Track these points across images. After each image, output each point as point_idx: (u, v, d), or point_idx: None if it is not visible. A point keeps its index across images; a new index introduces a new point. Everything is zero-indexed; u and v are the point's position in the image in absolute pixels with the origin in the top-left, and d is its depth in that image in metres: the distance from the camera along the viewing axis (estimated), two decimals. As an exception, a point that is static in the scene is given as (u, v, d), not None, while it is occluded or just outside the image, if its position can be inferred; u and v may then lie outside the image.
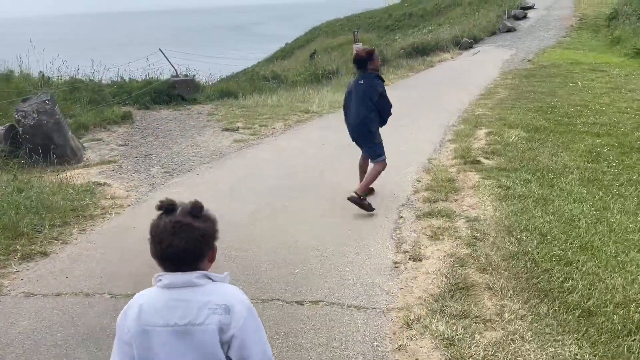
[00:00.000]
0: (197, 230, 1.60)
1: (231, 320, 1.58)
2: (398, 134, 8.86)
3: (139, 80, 14.10)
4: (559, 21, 27.14)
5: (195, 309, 1.58)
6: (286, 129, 10.01)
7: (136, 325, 1.60)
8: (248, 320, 1.61)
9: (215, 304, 1.58)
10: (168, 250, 1.58)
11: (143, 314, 1.60)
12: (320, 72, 18.37)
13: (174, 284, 1.60)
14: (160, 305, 1.60)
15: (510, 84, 14.50)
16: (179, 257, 1.59)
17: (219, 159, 8.00)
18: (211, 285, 1.63)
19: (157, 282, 1.65)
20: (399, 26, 42.46)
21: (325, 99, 12.97)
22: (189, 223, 1.59)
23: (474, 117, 10.15)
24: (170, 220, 1.59)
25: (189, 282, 1.60)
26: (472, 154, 7.43)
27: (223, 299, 1.60)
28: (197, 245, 1.60)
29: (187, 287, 1.60)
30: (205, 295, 1.60)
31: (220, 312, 1.58)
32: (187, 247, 1.58)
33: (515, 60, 19.85)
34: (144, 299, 1.64)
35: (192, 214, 1.62)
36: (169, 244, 1.57)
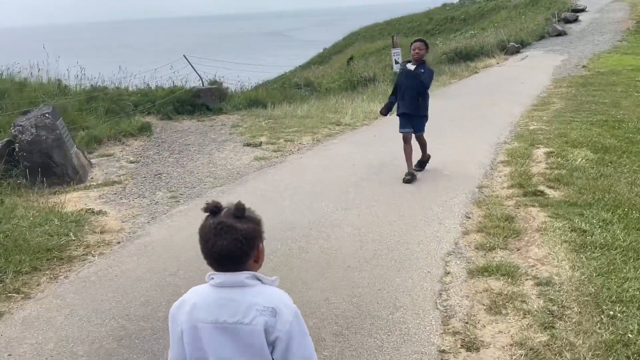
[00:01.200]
0: (239, 231, 1.59)
1: (276, 323, 1.58)
2: (441, 154, 7.61)
3: (165, 88, 13.29)
4: (613, 24, 25.12)
5: (243, 309, 1.59)
6: (314, 145, 8.89)
7: (188, 321, 1.61)
8: (294, 325, 1.60)
9: (263, 306, 1.59)
10: (213, 250, 1.60)
11: (195, 311, 1.61)
12: (355, 79, 17.20)
13: (225, 283, 1.62)
14: (211, 302, 1.61)
15: (566, 93, 12.98)
16: (222, 257, 1.60)
17: (234, 182, 6.95)
18: (260, 287, 1.64)
19: (209, 280, 1.66)
20: (440, 30, 40.84)
21: (359, 109, 11.80)
22: (230, 224, 1.59)
23: (528, 133, 8.78)
24: (214, 221, 1.60)
25: (239, 282, 1.61)
26: (532, 181, 6.12)
27: (270, 301, 1.60)
28: (239, 246, 1.59)
29: (237, 287, 1.61)
30: (254, 296, 1.60)
31: (267, 314, 1.58)
32: (230, 248, 1.58)
33: (567, 66, 18.20)
34: (197, 296, 1.65)
35: (235, 215, 1.61)
36: (213, 244, 1.59)
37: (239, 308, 1.59)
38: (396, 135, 8.91)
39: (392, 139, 9.10)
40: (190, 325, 1.62)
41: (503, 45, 22.53)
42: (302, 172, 7.24)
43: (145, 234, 5.21)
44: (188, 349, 1.63)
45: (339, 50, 42.57)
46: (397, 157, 7.69)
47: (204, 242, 1.62)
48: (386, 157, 7.74)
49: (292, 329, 1.60)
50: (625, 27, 24.05)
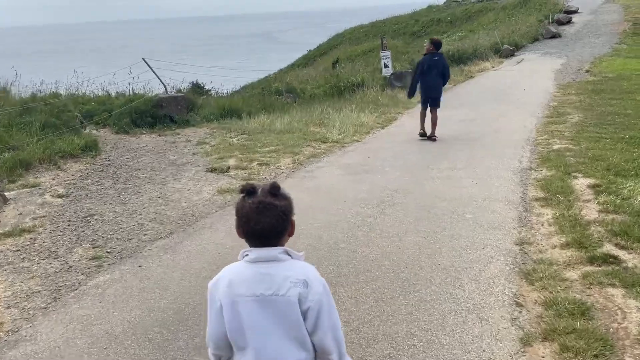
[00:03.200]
0: (279, 208, 1.64)
1: (308, 293, 1.62)
2: (454, 184, 5.82)
3: (127, 95, 11.33)
4: (608, 26, 23.63)
5: (278, 281, 1.63)
6: (294, 170, 7.04)
7: (226, 296, 1.65)
8: (323, 296, 1.65)
9: (296, 278, 1.64)
10: (256, 228, 1.62)
11: (232, 286, 1.65)
12: (342, 84, 15.38)
13: (260, 258, 1.65)
14: (248, 277, 1.65)
15: (579, 102, 11.28)
16: (265, 233, 1.63)
17: (185, 230, 5.07)
18: (291, 261, 1.68)
19: (243, 257, 1.69)
20: (427, 32, 39.11)
21: (348, 121, 9.97)
22: (271, 202, 1.63)
23: (555, 155, 7.03)
24: (254, 201, 1.63)
25: (273, 257, 1.66)
26: (591, 235, 4.33)
27: (302, 274, 1.66)
28: (280, 222, 1.64)
29: (271, 262, 1.65)
30: (287, 270, 1.65)
31: (300, 286, 1.63)
32: (273, 224, 1.62)
33: (568, 70, 16.56)
34: (232, 272, 1.69)
35: (272, 193, 1.65)
36: (257, 221, 1.61)
37: (274, 281, 1.63)
38: (394, 158, 7.09)
39: (390, 161, 7.32)
40: (229, 300, 1.64)
41: (497, 47, 20.87)
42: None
43: (29, 338, 3.32)
44: (228, 322, 1.65)
45: (323, 52, 40.75)
46: (400, 190, 5.87)
47: (246, 221, 1.64)
48: (386, 191, 5.92)
49: (321, 299, 1.64)
50: (622, 29, 22.56)
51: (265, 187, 1.67)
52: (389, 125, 10.14)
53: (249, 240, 1.68)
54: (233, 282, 1.66)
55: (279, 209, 1.64)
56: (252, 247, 1.68)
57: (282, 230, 1.67)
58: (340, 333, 1.70)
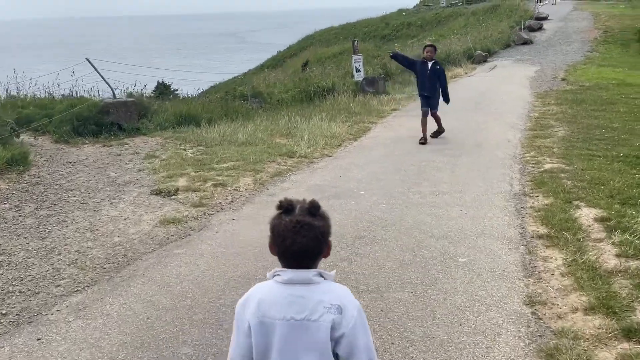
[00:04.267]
0: (317, 228, 1.57)
1: (342, 319, 1.55)
2: (438, 217, 4.90)
3: (73, 98, 10.06)
4: (579, 34, 23.37)
5: (311, 306, 1.55)
6: (255, 192, 6.00)
7: (255, 317, 1.57)
8: (358, 322, 1.57)
9: (330, 303, 1.56)
10: (292, 248, 1.55)
11: (262, 307, 1.57)
12: (312, 89, 14.39)
13: (293, 280, 1.57)
14: (279, 299, 1.57)
15: (561, 113, 10.61)
16: (301, 254, 1.57)
17: (112, 277, 3.98)
18: (325, 284, 1.60)
19: (273, 277, 1.62)
20: (397, 36, 38.62)
21: (318, 131, 8.98)
22: (309, 222, 1.56)
23: (549, 178, 6.20)
24: (291, 219, 1.56)
25: (306, 280, 1.58)
26: (619, 295, 3.45)
27: (337, 299, 1.57)
28: (317, 243, 1.57)
29: (304, 284, 1.58)
30: (320, 294, 1.57)
31: (334, 312, 1.55)
32: (309, 245, 1.55)
33: (543, 78, 16.03)
34: (262, 292, 1.61)
35: (311, 213, 1.58)
36: (293, 242, 1.55)
37: (306, 305, 1.55)
38: (369, 178, 6.15)
39: (365, 182, 6.35)
40: (257, 321, 1.57)
41: (470, 53, 20.26)
42: (231, 255, 4.34)
43: None
44: (256, 344, 1.57)
45: (293, 54, 39.73)
46: (378, 221, 4.92)
47: (282, 240, 1.56)
48: (362, 223, 4.95)
49: (356, 325, 1.57)
50: (593, 37, 22.31)
51: (303, 205, 1.61)
52: (362, 136, 9.21)
53: (284, 261, 1.61)
54: (263, 303, 1.58)
55: (317, 229, 1.57)
56: (286, 267, 1.61)
57: (318, 252, 1.60)
58: (375, 355, 1.61)
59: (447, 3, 42.93)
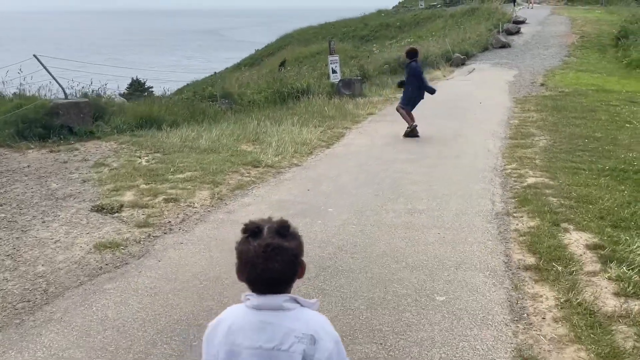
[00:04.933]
0: (289, 251, 1.42)
1: (315, 351, 1.40)
2: (413, 241, 4.30)
3: (21, 97, 9.21)
4: (557, 38, 23.17)
5: (281, 335, 1.40)
6: (212, 209, 5.33)
7: (223, 344, 1.44)
8: (333, 354, 1.41)
9: (302, 333, 1.40)
10: (264, 276, 1.40)
11: (231, 334, 1.44)
12: (286, 90, 13.73)
13: (263, 306, 1.43)
14: (248, 326, 1.43)
15: (541, 120, 10.17)
16: (274, 281, 1.41)
17: (22, 322, 3.28)
18: (299, 311, 1.44)
19: (245, 301, 1.47)
20: (376, 37, 38.15)
21: (288, 137, 8.34)
22: (279, 245, 1.41)
23: (533, 194, 5.68)
24: (260, 243, 1.40)
25: (277, 306, 1.42)
26: (623, 350, 2.91)
27: (310, 328, 1.42)
28: (291, 266, 1.43)
29: (275, 311, 1.42)
30: (292, 322, 1.42)
31: (306, 342, 1.40)
32: (283, 270, 1.41)
33: (522, 82, 15.66)
34: (233, 316, 1.47)
35: (281, 234, 1.42)
36: (264, 269, 1.39)
37: (276, 333, 1.40)
38: (339, 193, 5.56)
39: (335, 198, 5.67)
40: (227, 349, 1.43)
41: (448, 56, 19.84)
42: (168, 294, 3.66)
43: None
44: None
45: (271, 53, 39.01)
46: (346, 246, 4.30)
47: (251, 267, 1.41)
48: (328, 249, 4.33)
49: (330, 358, 1.40)
50: (570, 42, 22.12)
51: (272, 225, 1.44)
52: (335, 143, 8.59)
53: (254, 288, 1.44)
54: (232, 329, 1.44)
55: (290, 252, 1.42)
56: (255, 292, 1.44)
57: (292, 276, 1.44)
58: None
59: (425, 5, 42.60)
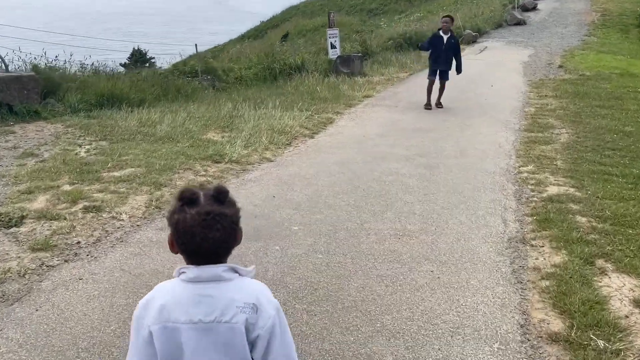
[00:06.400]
0: (229, 218, 1.29)
1: (258, 319, 1.30)
2: (399, 284, 3.06)
3: None
4: (576, 16, 21.43)
5: (221, 306, 1.29)
6: (141, 223, 4.09)
7: (157, 322, 1.30)
8: (275, 321, 1.32)
9: (243, 302, 1.30)
10: (203, 245, 1.27)
11: (165, 310, 1.30)
12: (278, 66, 12.36)
13: (200, 277, 1.30)
14: (184, 300, 1.30)
15: (561, 109, 8.79)
16: (214, 249, 1.29)
17: None
18: (238, 281, 1.33)
19: (179, 275, 1.34)
20: (384, 11, 36.26)
21: (264, 124, 7.06)
22: (220, 212, 1.27)
23: (556, 212, 4.40)
24: (199, 211, 1.26)
25: (216, 276, 1.31)
26: None
27: (251, 296, 1.31)
28: (232, 234, 1.31)
29: (213, 282, 1.31)
30: (232, 292, 1.31)
31: (248, 311, 1.29)
32: (223, 238, 1.28)
33: (538, 63, 14.18)
34: (165, 293, 1.33)
35: (219, 200, 1.29)
36: (204, 237, 1.26)
37: (216, 305, 1.29)
38: (311, 203, 4.34)
39: (304, 210, 4.19)
40: (161, 326, 1.29)
41: (458, 32, 18.24)
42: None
43: None
44: (160, 352, 1.30)
45: (275, 25, 37.29)
46: (304, 290, 3.05)
47: (190, 237, 1.27)
48: (280, 293, 3.09)
49: (273, 326, 1.32)
50: (590, 20, 20.40)
51: (208, 192, 1.31)
52: (321, 131, 7.31)
53: (192, 259, 1.31)
54: (166, 306, 1.30)
55: (229, 219, 1.30)
56: (192, 264, 1.32)
57: (231, 243, 1.33)
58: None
59: (438, -22, 40.40)
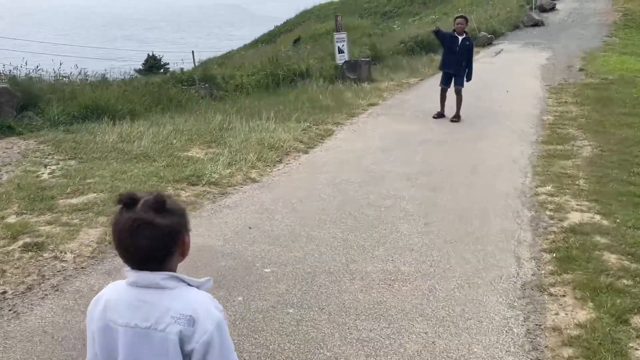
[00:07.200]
0: (161, 228, 1.23)
1: (194, 333, 1.23)
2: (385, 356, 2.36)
3: None
4: (596, 16, 20.38)
5: (157, 314, 1.24)
6: (86, 266, 3.44)
7: (100, 319, 1.30)
8: (214, 338, 1.24)
9: (179, 313, 1.24)
10: (130, 251, 1.25)
11: (108, 310, 1.30)
12: (282, 72, 11.72)
13: (139, 282, 1.27)
14: (125, 303, 1.28)
15: (582, 117, 7.97)
16: (141, 258, 1.25)
17: None
18: (181, 290, 1.27)
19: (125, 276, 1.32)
20: (399, 13, 35.47)
21: (254, 138, 6.41)
22: (150, 220, 1.23)
23: (579, 246, 3.66)
24: (130, 217, 1.23)
25: (153, 284, 1.26)
26: None
27: (189, 308, 1.25)
28: (161, 244, 1.25)
29: (153, 289, 1.26)
30: (170, 301, 1.25)
31: (183, 323, 1.23)
32: (150, 247, 1.23)
33: (557, 66, 13.28)
34: (111, 293, 1.33)
35: (155, 209, 1.24)
36: (130, 244, 1.24)
37: (152, 312, 1.25)
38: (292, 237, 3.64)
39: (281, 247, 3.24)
40: (102, 325, 1.29)
41: (473, 35, 17.39)
42: None
43: None
44: (99, 350, 1.30)
45: (289, 29, 36.81)
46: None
47: (118, 241, 1.26)
48: None
49: (211, 341, 1.24)
50: (612, 20, 19.34)
51: (149, 198, 1.25)
52: (317, 145, 6.63)
53: (125, 262, 1.29)
54: (109, 305, 1.30)
55: (161, 229, 1.23)
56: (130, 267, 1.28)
57: (164, 254, 1.26)
58: None
59: (453, -21, 39.46)
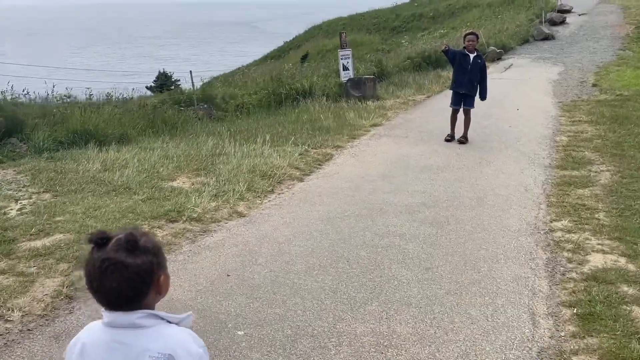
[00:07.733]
0: (132, 268, 1.19)
1: None
2: None
3: None
4: (608, 29, 19.78)
5: (134, 355, 1.21)
6: (33, 328, 2.96)
7: None
8: None
9: (158, 352, 1.21)
10: (101, 292, 1.21)
11: (85, 354, 1.27)
12: (284, 91, 11.32)
13: (115, 323, 1.23)
14: (102, 345, 1.25)
15: (598, 137, 7.41)
16: (112, 299, 1.21)
17: None
18: (160, 328, 1.24)
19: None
20: (407, 28, 35.12)
21: (249, 164, 5.96)
22: (120, 261, 1.19)
23: (603, 300, 3.12)
24: (99, 257, 1.20)
25: (129, 324, 1.22)
26: None
27: (168, 347, 1.21)
28: (132, 285, 1.20)
29: (129, 329, 1.23)
30: (147, 341, 1.22)
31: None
32: (121, 289, 1.19)
33: (569, 82, 12.72)
34: (87, 336, 1.29)
35: (127, 248, 1.20)
36: (100, 285, 1.19)
37: (129, 354, 1.21)
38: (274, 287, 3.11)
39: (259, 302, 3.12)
40: None
41: (482, 49, 16.90)
42: None
43: None
44: None
45: (297, 45, 36.64)
46: None
47: (89, 282, 1.22)
48: None
49: None
50: (624, 33, 18.73)
51: (120, 237, 1.21)
52: (314, 172, 6.16)
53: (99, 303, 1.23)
54: (86, 348, 1.26)
55: (132, 270, 1.19)
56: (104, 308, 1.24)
57: (135, 296, 1.21)
58: None
59: (462, -7, 39.11)
